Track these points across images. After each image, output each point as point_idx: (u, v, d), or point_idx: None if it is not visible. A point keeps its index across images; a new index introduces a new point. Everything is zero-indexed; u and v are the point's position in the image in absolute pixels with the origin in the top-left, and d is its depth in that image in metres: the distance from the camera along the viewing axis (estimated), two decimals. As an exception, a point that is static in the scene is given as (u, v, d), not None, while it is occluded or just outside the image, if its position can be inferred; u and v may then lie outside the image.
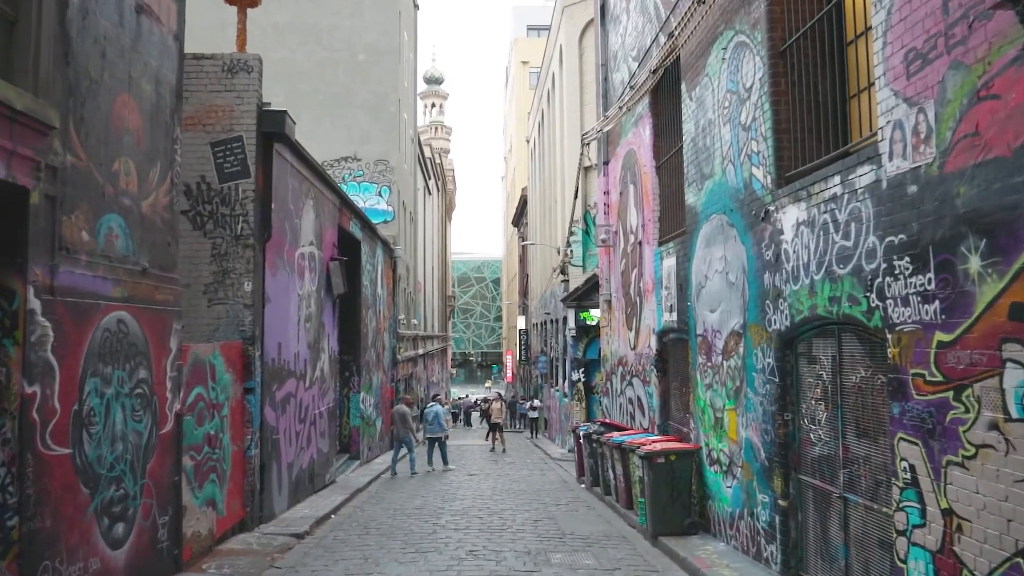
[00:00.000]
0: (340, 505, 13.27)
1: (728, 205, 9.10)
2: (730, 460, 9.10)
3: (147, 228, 7.29)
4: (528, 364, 41.92)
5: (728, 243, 9.10)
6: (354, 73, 28.72)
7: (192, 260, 10.58)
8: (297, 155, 12.80)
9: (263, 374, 11.01)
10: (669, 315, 11.85)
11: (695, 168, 10.44)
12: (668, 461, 10.07)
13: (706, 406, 10.01)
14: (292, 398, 12.73)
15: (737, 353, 8.81)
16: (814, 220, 6.79)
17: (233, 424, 10.03)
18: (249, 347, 10.52)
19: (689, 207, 10.73)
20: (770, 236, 7.81)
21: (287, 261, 12.39)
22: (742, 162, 8.62)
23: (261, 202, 10.97)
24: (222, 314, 10.57)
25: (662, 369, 12.75)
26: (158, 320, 7.41)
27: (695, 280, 10.48)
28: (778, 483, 7.65)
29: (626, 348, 15.13)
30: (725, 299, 9.21)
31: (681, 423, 11.89)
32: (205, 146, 10.70)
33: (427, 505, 13.33)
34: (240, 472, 10.29)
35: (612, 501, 12.94)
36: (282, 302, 12.12)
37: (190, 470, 8.51)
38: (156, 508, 7.37)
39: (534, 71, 52.87)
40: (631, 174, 14.67)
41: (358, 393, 19.85)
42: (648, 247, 13.26)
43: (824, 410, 6.95)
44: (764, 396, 7.97)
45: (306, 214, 13.68)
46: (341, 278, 16.02)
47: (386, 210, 28.36)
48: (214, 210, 10.65)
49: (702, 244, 10.15)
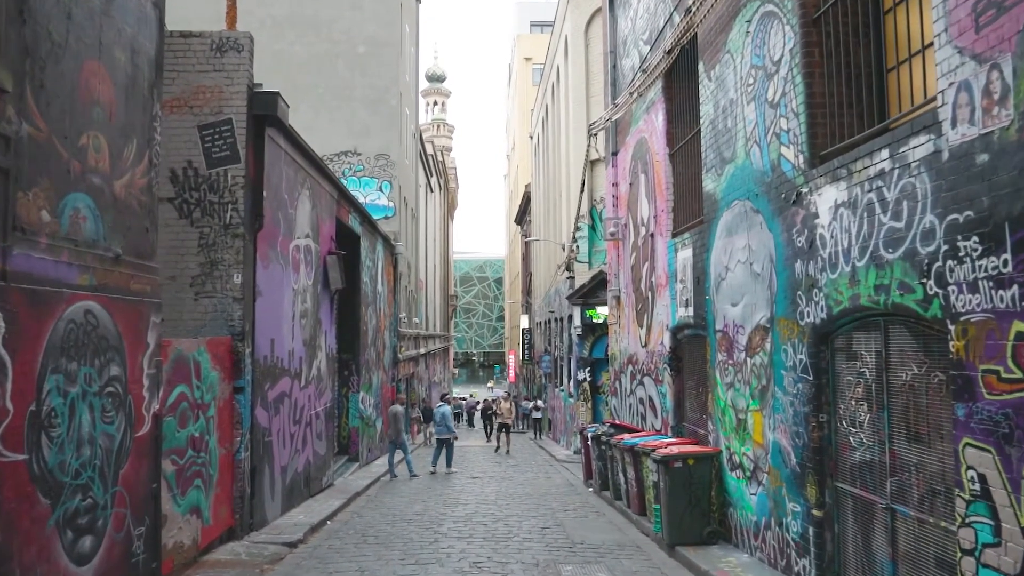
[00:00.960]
0: (337, 510, 12.62)
1: (753, 190, 8.44)
2: (755, 465, 8.44)
3: (121, 211, 6.63)
4: (531, 363, 41.25)
5: (753, 230, 8.43)
6: (354, 66, 28.05)
7: (178, 251, 9.93)
8: (291, 141, 12.15)
9: (254, 372, 10.37)
10: (684, 310, 11.19)
11: (714, 152, 9.78)
12: (686, 465, 9.41)
13: (727, 407, 9.35)
14: (286, 398, 12.08)
15: (763, 349, 8.14)
16: (856, 200, 6.13)
17: (221, 425, 9.38)
18: (238, 343, 9.87)
19: (707, 194, 10.07)
20: (802, 221, 7.15)
21: (280, 253, 11.75)
22: (769, 142, 7.96)
23: (252, 189, 10.32)
24: (210, 308, 9.92)
25: (676, 367, 12.09)
26: (133, 312, 6.76)
27: (714, 272, 9.82)
28: (812, 491, 6.98)
29: (636, 346, 14.47)
30: (749, 291, 8.55)
31: (697, 424, 11.22)
32: (192, 129, 10.05)
33: (428, 511, 12.68)
34: (228, 477, 9.64)
35: (623, 507, 12.28)
36: (275, 296, 11.48)
37: (171, 476, 7.86)
38: (130, 518, 6.72)
39: (537, 67, 52.25)
40: (642, 164, 14.01)
41: (357, 393, 19.21)
42: (661, 239, 12.60)
43: (867, 411, 6.29)
44: (795, 396, 7.30)
45: (301, 205, 13.03)
46: (339, 273, 15.37)
47: (387, 206, 27.70)
48: (202, 197, 10.00)
49: (722, 233, 9.49)
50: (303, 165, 13.05)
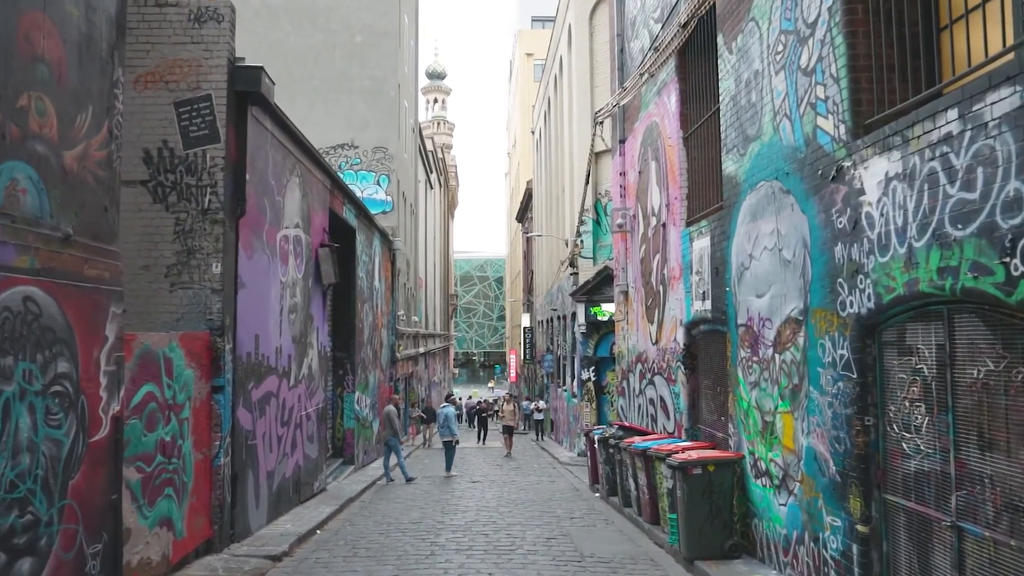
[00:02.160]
0: (328, 518, 11.82)
1: (782, 168, 7.63)
2: (784, 472, 7.63)
3: (73, 186, 5.83)
4: (533, 363, 40.42)
5: (782, 213, 7.62)
6: (351, 56, 27.26)
7: (152, 238, 9.14)
8: (279, 123, 11.35)
9: (235, 370, 9.56)
10: (701, 304, 10.38)
11: (736, 131, 8.97)
12: (706, 472, 8.60)
13: (751, 408, 8.54)
14: (273, 398, 11.28)
15: (795, 344, 7.34)
16: (914, 171, 5.32)
17: (197, 428, 8.58)
18: (218, 339, 9.06)
19: (728, 177, 9.27)
20: (844, 199, 6.34)
21: (267, 243, 10.94)
22: (803, 114, 7.15)
23: (233, 172, 9.52)
24: (186, 300, 9.12)
25: (690, 366, 11.28)
26: (87, 301, 5.96)
27: (735, 261, 9.02)
28: (855, 504, 6.17)
29: (646, 343, 13.66)
30: (778, 281, 7.74)
31: (714, 427, 10.42)
32: (168, 106, 9.25)
33: (425, 519, 11.87)
34: (206, 484, 8.83)
35: (633, 514, 11.47)
36: (260, 289, 10.67)
37: (136, 485, 7.05)
38: (83, 535, 5.92)
39: (539, 63, 51.44)
40: (652, 150, 13.20)
41: (352, 393, 18.40)
42: (674, 229, 11.79)
43: (925, 414, 5.48)
44: (835, 396, 6.50)
45: (290, 192, 12.22)
46: (332, 266, 14.56)
47: (385, 200, 26.90)
48: (178, 180, 9.19)
49: (745, 218, 8.68)
50: (292, 150, 12.25)
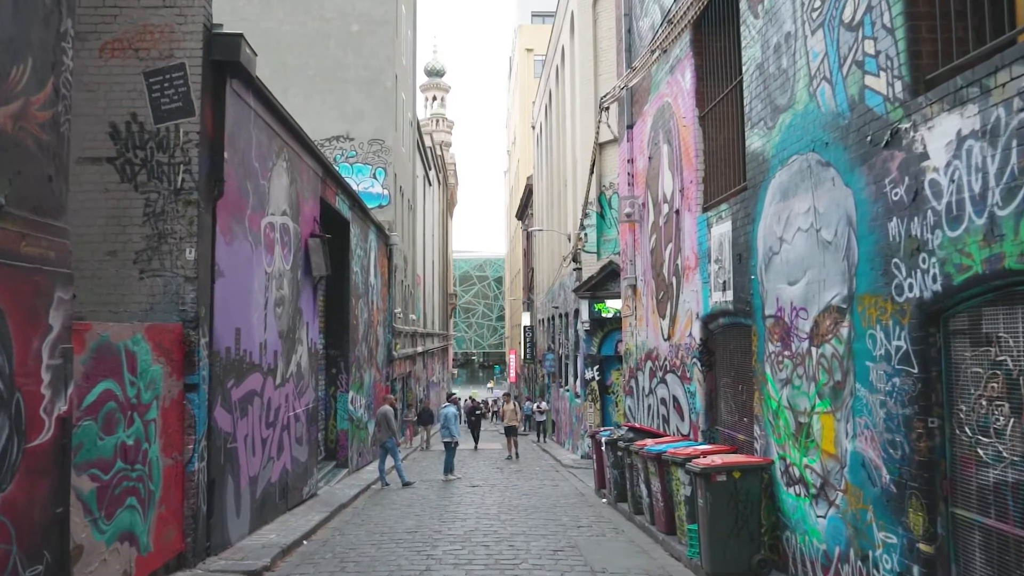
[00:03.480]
0: (316, 527, 10.97)
1: (820, 138, 6.79)
2: (823, 480, 6.79)
3: (5, 148, 5.00)
4: (533, 362, 39.56)
5: (820, 189, 6.79)
6: (347, 45, 26.41)
7: (119, 220, 8.30)
8: (263, 101, 10.51)
9: (212, 367, 8.72)
10: (721, 295, 9.54)
11: (762, 103, 8.14)
12: (731, 479, 7.76)
13: (781, 408, 7.70)
14: (257, 397, 10.43)
15: (837, 336, 6.50)
16: (996, 126, 4.49)
17: (166, 431, 7.73)
18: (191, 331, 8.21)
19: (753, 155, 8.44)
20: (901, 166, 5.51)
21: (249, 229, 10.10)
22: (846, 74, 6.31)
23: (210, 148, 8.68)
24: (157, 289, 8.28)
25: (707, 362, 10.45)
26: (25, 284, 5.12)
27: (762, 246, 8.18)
28: (917, 519, 5.34)
29: (657, 339, 12.82)
30: (815, 265, 6.91)
31: (735, 429, 9.59)
32: (137, 76, 8.41)
33: (421, 527, 11.03)
34: (178, 492, 7.99)
35: (645, 523, 10.64)
36: (241, 279, 9.83)
37: (90, 495, 6.21)
38: (18, 556, 5.08)
39: (539, 58, 50.58)
40: (664, 132, 12.37)
41: (347, 392, 17.55)
42: (689, 215, 10.96)
43: (1009, 415, 4.64)
44: (889, 394, 5.66)
45: (276, 177, 11.38)
46: (323, 258, 13.72)
47: (381, 194, 26.05)
48: (148, 157, 8.35)
49: (774, 198, 7.85)
50: (278, 132, 11.41)
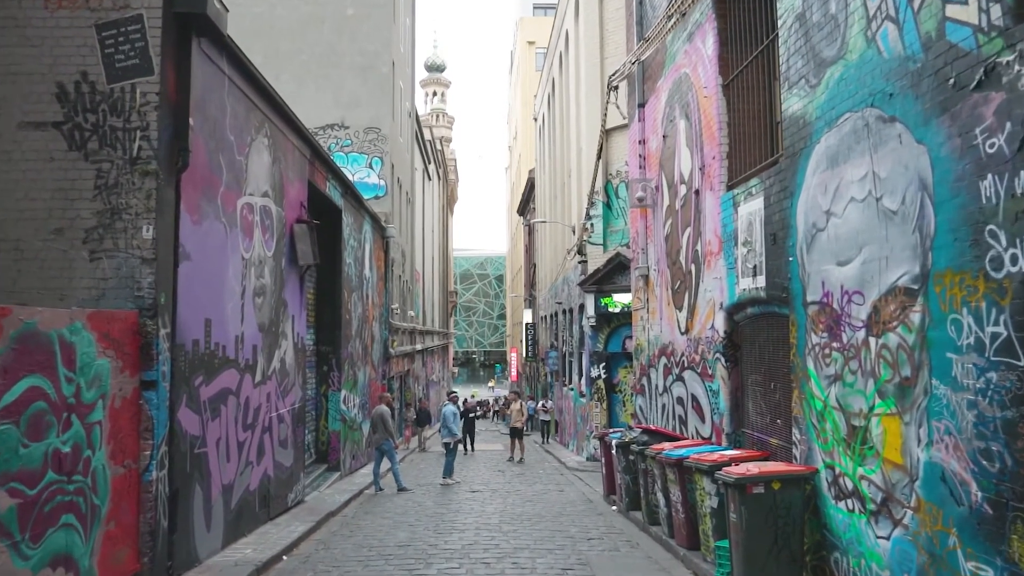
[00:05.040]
0: (300, 539, 9.94)
1: (882, 90, 5.75)
2: (886, 495, 5.74)
3: None
4: (535, 361, 38.50)
5: (883, 149, 5.74)
6: (341, 30, 25.35)
7: (66, 194, 7.26)
8: (239, 68, 9.47)
9: (176, 361, 7.67)
10: (750, 281, 8.50)
11: (804, 58, 7.10)
12: (769, 491, 6.71)
13: (829, 408, 6.65)
14: (232, 396, 9.39)
15: (905, 323, 5.45)
16: None
17: (116, 435, 6.69)
18: (148, 321, 7.17)
19: (791, 119, 7.39)
20: (1000, 110, 4.46)
21: (223, 209, 9.06)
22: (919, 8, 5.26)
23: (172, 113, 7.63)
24: (110, 272, 7.24)
25: (733, 357, 9.41)
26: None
27: (803, 223, 7.14)
28: (1023, 547, 4.29)
29: (673, 333, 11.78)
30: (874, 240, 5.86)
31: (766, 432, 8.55)
32: (89, 30, 7.37)
33: (415, 539, 9.98)
34: (131, 506, 6.94)
35: (662, 535, 9.60)
36: (213, 264, 8.79)
37: (9, 514, 5.15)
38: (-103, 595, 4.07)
39: (540, 51, 49.64)
40: (682, 107, 11.32)
41: (338, 391, 16.50)
42: (711, 194, 9.91)
43: None
44: (983, 392, 4.61)
45: (256, 154, 10.34)
46: (310, 246, 12.67)
47: (377, 184, 25.00)
48: (100, 121, 7.31)
49: (819, 166, 6.80)
50: (258, 104, 10.36)
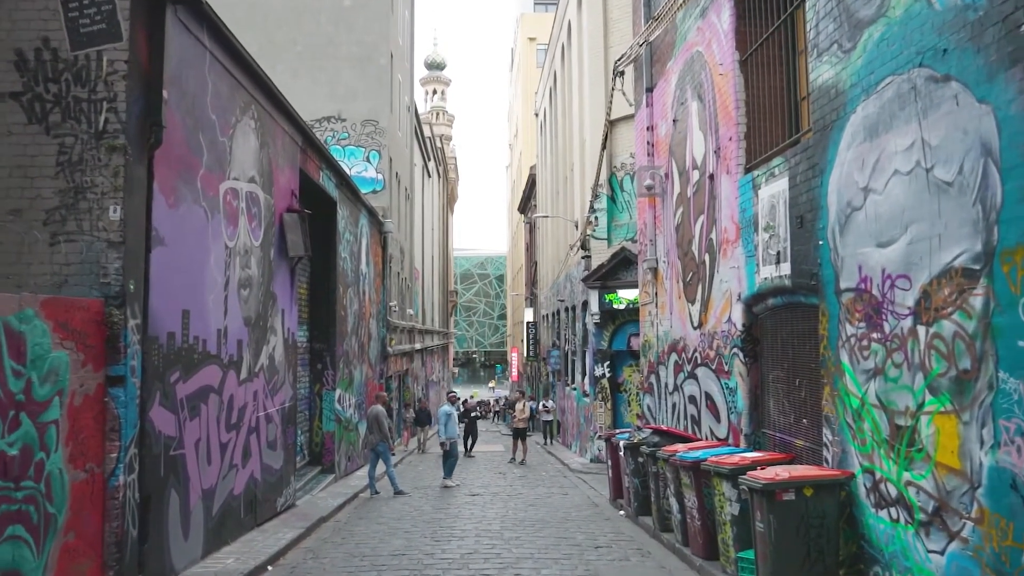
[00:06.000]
0: (287, 547, 9.29)
1: (934, 46, 5.09)
2: (939, 503, 5.09)
3: None
4: (537, 360, 37.84)
5: (935, 113, 5.09)
6: (338, 20, 24.71)
7: (26, 171, 6.61)
8: (221, 42, 8.82)
9: (147, 355, 7.02)
10: (773, 269, 7.85)
11: (836, 21, 6.45)
12: (801, 498, 6.07)
13: (867, 406, 6.00)
14: (213, 394, 8.74)
15: (963, 309, 4.80)
16: None
17: (77, 435, 6.04)
18: (115, 310, 6.52)
19: (821, 90, 6.74)
20: (1089, 55, 3.82)
21: (204, 193, 8.41)
22: (981, -51, 4.62)
23: (144, 84, 6.98)
24: (73, 258, 6.59)
25: (752, 352, 8.76)
26: None
27: (836, 202, 6.48)
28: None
29: (684, 328, 11.12)
30: (924, 216, 5.21)
31: (789, 432, 7.90)
32: (50, -8, 6.74)
33: (410, 547, 9.33)
34: (95, 514, 6.29)
35: (675, 543, 8.95)
36: (192, 251, 8.14)
37: (-60, 526, 4.53)
38: None
39: (542, 47, 48.98)
40: (694, 88, 10.67)
41: (333, 390, 15.85)
42: (728, 178, 9.26)
43: None
44: (1065, 386, 3.97)
45: (242, 136, 9.69)
46: (301, 236, 12.02)
47: (375, 178, 24.35)
48: (62, 92, 6.67)
49: (855, 138, 6.15)
50: (243, 83, 9.71)
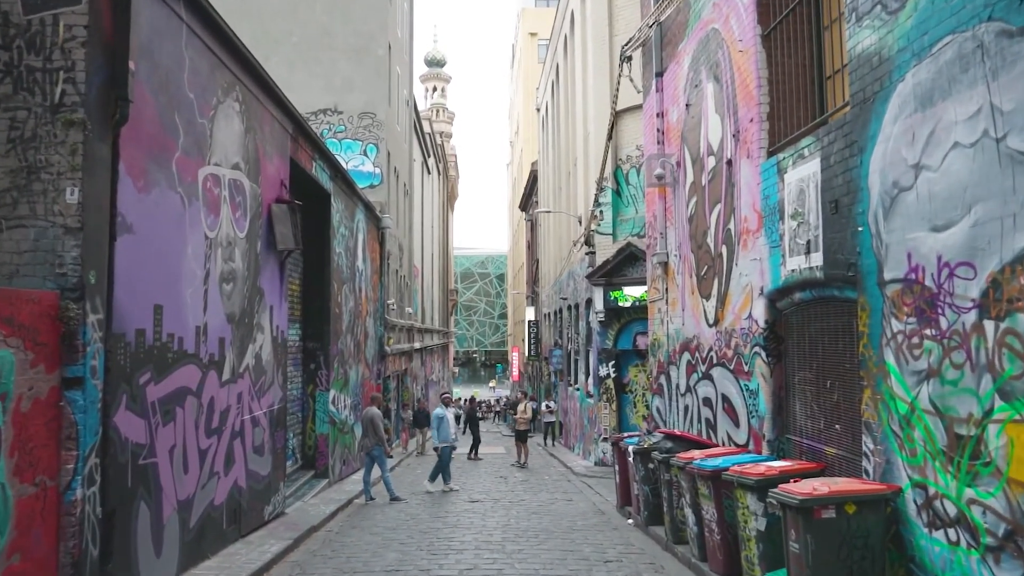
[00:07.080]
0: (272, 561, 8.60)
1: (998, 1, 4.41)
2: (1012, 526, 4.40)
3: None
4: (538, 360, 37.14)
5: (1008, 74, 4.39)
6: (334, 10, 24.02)
7: (-28, 148, 5.93)
8: (200, 16, 8.12)
9: (111, 354, 6.32)
10: (803, 260, 7.15)
11: (879, -20, 5.76)
12: (842, 515, 5.37)
13: (918, 412, 5.31)
14: (191, 396, 8.04)
15: (1046, 299, 4.11)
16: None
17: (24, 445, 5.34)
18: (71, 304, 5.82)
19: (861, 58, 6.04)
20: None
21: (180, 177, 7.71)
22: None
23: (107, 53, 6.29)
24: (26, 245, 5.90)
25: (775, 351, 8.07)
26: None
27: (879, 183, 5.79)
28: None
29: (698, 325, 10.43)
30: (992, 195, 4.51)
31: (819, 439, 7.21)
32: (2, -51, 6.05)
33: (404, 562, 8.63)
34: (47, 533, 5.60)
35: (690, 557, 8.26)
36: (165, 240, 7.44)
37: None
38: None
39: (543, 42, 48.29)
40: (710, 68, 9.98)
41: (327, 391, 15.16)
42: (748, 163, 8.57)
43: None
44: None
45: (224, 119, 9.00)
46: (290, 228, 11.33)
47: (373, 172, 23.66)
48: (14, 61, 5.98)
49: (903, 110, 5.45)
50: (226, 62, 9.02)
